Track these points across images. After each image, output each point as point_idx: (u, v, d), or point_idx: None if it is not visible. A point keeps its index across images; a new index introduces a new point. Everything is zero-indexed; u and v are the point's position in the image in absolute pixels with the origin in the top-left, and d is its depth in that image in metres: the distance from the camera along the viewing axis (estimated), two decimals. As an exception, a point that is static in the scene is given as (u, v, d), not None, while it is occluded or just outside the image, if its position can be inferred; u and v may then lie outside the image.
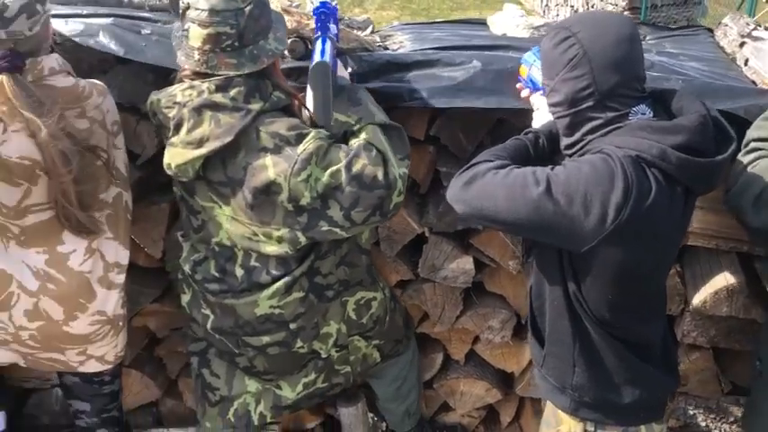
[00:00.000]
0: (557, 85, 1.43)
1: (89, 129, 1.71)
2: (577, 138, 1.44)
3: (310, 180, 1.60)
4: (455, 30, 2.60)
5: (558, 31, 1.43)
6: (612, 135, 1.39)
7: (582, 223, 1.32)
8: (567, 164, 1.40)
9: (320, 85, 1.59)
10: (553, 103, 1.47)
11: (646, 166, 1.33)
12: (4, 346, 1.85)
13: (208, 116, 1.62)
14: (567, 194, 1.32)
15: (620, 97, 1.39)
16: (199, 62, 1.62)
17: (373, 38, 2.49)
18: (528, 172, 1.38)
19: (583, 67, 1.38)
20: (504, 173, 1.40)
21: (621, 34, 1.38)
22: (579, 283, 1.47)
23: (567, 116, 1.44)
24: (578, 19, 1.45)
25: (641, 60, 1.42)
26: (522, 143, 1.57)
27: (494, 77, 1.93)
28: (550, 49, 1.44)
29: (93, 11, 2.08)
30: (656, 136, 1.34)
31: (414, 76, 1.97)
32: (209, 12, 1.58)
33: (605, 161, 1.33)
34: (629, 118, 1.39)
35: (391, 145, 1.68)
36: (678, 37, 2.58)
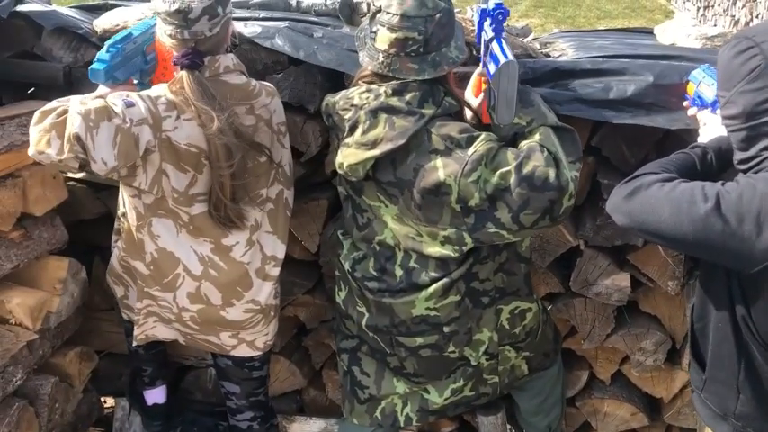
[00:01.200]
0: (734, 97, 1.35)
1: (255, 125, 1.81)
2: (754, 153, 1.35)
3: (480, 181, 1.61)
4: (619, 38, 2.53)
5: (740, 41, 1.34)
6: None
7: (753, 244, 1.24)
8: (741, 180, 1.31)
9: (508, 84, 1.58)
10: (728, 116, 1.38)
11: None
12: (168, 325, 2.00)
13: (383, 119, 1.67)
14: (737, 213, 1.25)
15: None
16: (382, 65, 1.68)
17: (533, 45, 2.47)
18: (697, 187, 1.32)
19: (764, 78, 1.28)
20: (671, 186, 1.35)
21: None
22: (748, 306, 1.38)
23: (743, 129, 1.35)
24: (761, 29, 1.35)
25: None
26: (690, 158, 1.49)
27: (666, 92, 1.85)
28: (730, 59, 1.35)
29: (269, 14, 2.21)
30: None
31: (580, 85, 1.93)
32: (400, 17, 1.63)
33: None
34: None
35: (563, 147, 1.66)
36: None
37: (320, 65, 2.01)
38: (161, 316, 1.97)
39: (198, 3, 1.67)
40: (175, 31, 1.68)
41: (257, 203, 1.91)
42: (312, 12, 2.45)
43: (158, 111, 1.67)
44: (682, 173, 1.44)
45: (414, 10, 1.63)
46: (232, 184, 1.78)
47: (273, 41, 2.04)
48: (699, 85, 1.71)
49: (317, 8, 2.46)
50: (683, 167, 1.48)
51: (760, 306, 1.36)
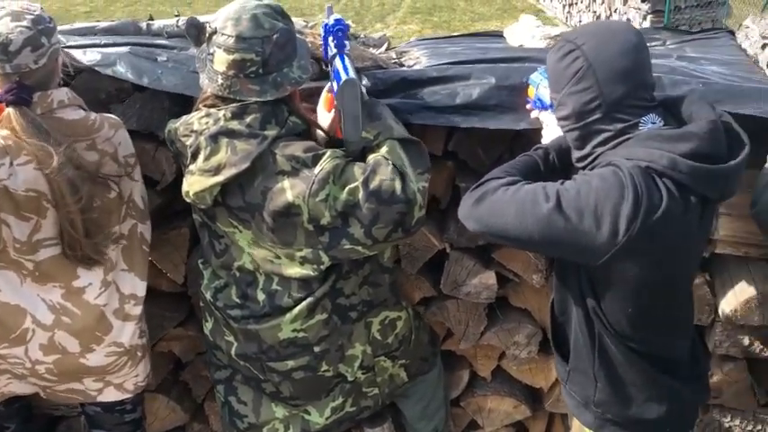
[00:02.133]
0: (563, 99, 1.42)
1: (98, 161, 1.72)
2: (588, 150, 1.43)
3: (329, 199, 1.60)
4: (471, 43, 2.60)
5: (563, 45, 1.42)
6: (622, 146, 1.37)
7: (594, 237, 1.30)
8: (577, 178, 1.38)
9: (350, 102, 1.59)
10: (561, 117, 1.45)
11: (656, 177, 1.30)
12: (22, 380, 1.87)
13: (224, 143, 1.63)
14: (577, 209, 1.31)
15: (629, 108, 1.37)
16: (222, 87, 1.63)
17: (389, 54, 2.49)
18: (538, 187, 1.37)
19: (588, 79, 1.36)
20: (515, 189, 1.39)
21: (626, 44, 1.36)
22: (598, 298, 1.45)
23: (575, 129, 1.43)
24: (582, 31, 1.43)
25: (648, 69, 1.40)
26: (533, 159, 1.55)
27: (509, 93, 1.91)
28: (555, 63, 1.43)
29: (111, 40, 2.11)
30: (666, 145, 1.31)
31: (428, 93, 1.96)
32: (236, 38, 1.59)
33: (615, 173, 1.31)
34: (639, 128, 1.37)
35: (410, 159, 1.67)
36: (699, 41, 2.53)
37: (166, 90, 1.94)
38: (13, 372, 1.84)
39: (18, 34, 1.57)
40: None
41: (110, 241, 1.81)
42: (164, 34, 2.37)
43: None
44: (526, 175, 1.49)
45: (249, 31, 1.60)
46: (83, 219, 1.69)
47: (115, 68, 1.95)
48: (537, 88, 1.77)
49: (169, 30, 2.38)
50: (526, 170, 1.53)
51: (608, 297, 1.43)
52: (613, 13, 9.94)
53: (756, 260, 1.97)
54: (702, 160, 1.30)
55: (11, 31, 1.56)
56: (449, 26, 12.33)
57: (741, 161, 1.34)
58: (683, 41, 2.55)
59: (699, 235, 1.44)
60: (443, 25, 12.43)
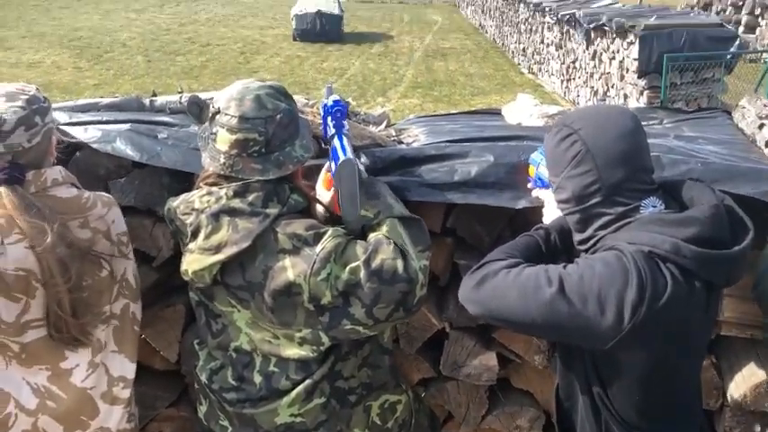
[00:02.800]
0: (563, 182, 1.42)
1: (91, 239, 1.70)
2: (589, 233, 1.41)
3: (330, 278, 1.57)
4: (469, 121, 2.62)
5: (560, 129, 1.43)
6: (624, 230, 1.35)
7: (599, 323, 1.27)
8: (580, 262, 1.35)
9: (348, 182, 1.59)
10: (561, 200, 1.45)
11: (660, 262, 1.28)
12: None
13: (225, 222, 1.62)
14: (580, 294, 1.28)
15: (628, 191, 1.36)
16: (224, 166, 1.63)
17: (388, 132, 2.51)
18: (540, 271, 1.35)
19: (587, 163, 1.36)
20: (516, 272, 1.37)
21: (623, 127, 1.37)
22: (604, 385, 1.41)
23: (576, 212, 1.42)
24: (579, 115, 1.44)
25: (647, 152, 1.40)
26: (534, 240, 1.54)
27: (507, 171, 1.92)
28: (554, 147, 1.44)
29: (112, 117, 2.14)
30: (669, 229, 1.30)
31: (427, 170, 1.97)
32: (239, 118, 1.60)
33: (618, 258, 1.29)
34: (640, 211, 1.36)
35: (411, 237, 1.66)
36: (696, 120, 2.55)
37: (166, 166, 1.95)
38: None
39: (11, 114, 1.58)
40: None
41: (101, 321, 1.78)
42: (167, 110, 2.40)
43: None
44: (527, 256, 1.48)
45: (252, 111, 1.62)
46: (72, 298, 1.65)
47: (114, 145, 1.97)
48: (538, 168, 1.78)
49: (172, 106, 2.41)
50: (528, 251, 1.51)
51: (614, 384, 1.39)
52: (611, 88, 10.16)
53: (762, 342, 1.92)
54: (706, 245, 1.28)
55: (4, 111, 1.58)
56: (449, 100, 12.59)
57: (745, 246, 1.32)
58: (679, 120, 2.57)
59: (705, 320, 1.41)
60: (444, 99, 12.70)
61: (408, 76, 14.85)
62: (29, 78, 12.21)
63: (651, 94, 8.75)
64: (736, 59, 8.71)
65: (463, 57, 17.56)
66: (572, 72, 12.23)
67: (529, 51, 15.73)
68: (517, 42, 17.04)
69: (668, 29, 8.71)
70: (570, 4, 13.35)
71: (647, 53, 8.62)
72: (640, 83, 8.92)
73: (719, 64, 8.48)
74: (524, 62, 16.10)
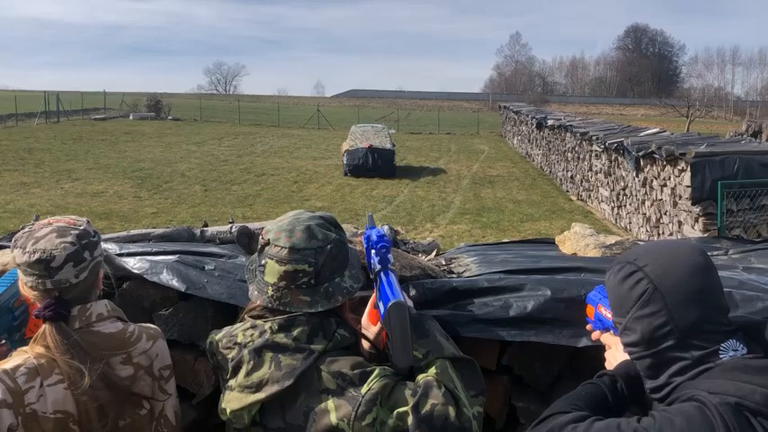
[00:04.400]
0: (631, 324, 1.30)
1: (133, 375, 1.64)
2: (664, 381, 1.28)
3: (376, 424, 1.46)
4: (522, 250, 2.54)
5: (623, 266, 1.34)
6: (704, 377, 1.22)
7: None
8: (657, 416, 1.21)
9: (398, 325, 1.50)
10: (629, 343, 1.33)
11: (750, 415, 1.14)
12: None
13: (268, 358, 1.54)
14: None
15: (705, 333, 1.24)
16: (272, 298, 1.58)
17: (438, 261, 2.45)
18: (612, 426, 1.21)
19: (656, 303, 1.26)
20: (585, 427, 1.24)
21: (693, 263, 1.27)
22: None
23: (646, 357, 1.29)
24: (644, 251, 1.35)
25: (721, 291, 1.29)
26: (600, 389, 1.40)
27: (567, 306, 1.81)
28: (617, 285, 1.34)
29: (161, 248, 2.14)
30: (758, 378, 1.16)
31: (480, 304, 1.87)
32: (289, 249, 1.56)
33: (701, 412, 1.15)
34: (720, 356, 1.22)
35: (463, 380, 1.54)
36: (765, 250, 2.42)
37: (210, 298, 1.91)
38: None
39: (61, 250, 1.57)
40: (36, 281, 1.56)
41: None
42: (216, 240, 2.41)
43: (18, 385, 1.48)
44: (593, 408, 1.35)
45: (303, 242, 1.58)
46: None
47: (161, 276, 1.95)
48: (597, 307, 1.67)
49: (222, 236, 2.42)
50: (593, 402, 1.38)
51: None
52: (663, 215, 10.01)
53: None
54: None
55: (55, 248, 1.57)
56: (498, 226, 12.61)
57: None
58: (747, 251, 2.44)
59: None
60: (492, 225, 12.73)
61: (456, 202, 15.04)
62: (92, 207, 12.83)
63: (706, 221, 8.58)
64: (793, 186, 8.54)
65: (511, 184, 17.80)
66: (622, 199, 12.18)
67: (577, 178, 15.83)
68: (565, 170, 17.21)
69: (720, 156, 8.68)
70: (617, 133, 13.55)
71: (701, 180, 8.55)
72: (695, 210, 8.78)
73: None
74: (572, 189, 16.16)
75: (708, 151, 8.88)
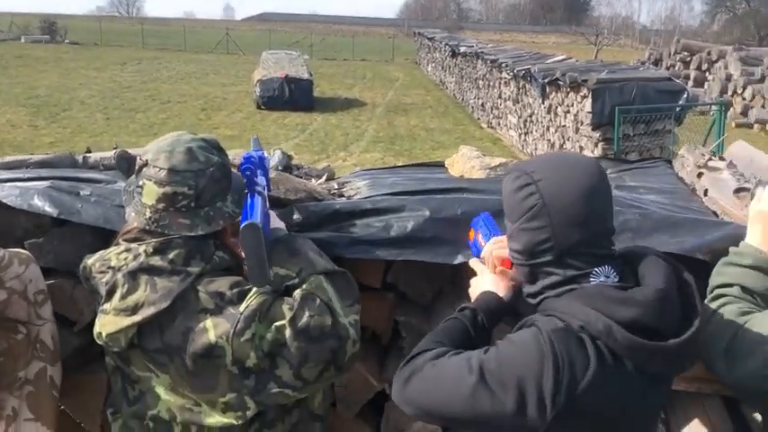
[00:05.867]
0: (515, 233, 1.33)
1: (6, 300, 1.60)
2: (538, 288, 1.33)
3: (255, 339, 1.48)
4: (412, 174, 2.58)
5: (520, 175, 1.33)
6: (566, 297, 1.27)
7: (522, 414, 1.19)
8: (500, 345, 1.27)
9: (252, 246, 1.49)
10: (514, 249, 1.37)
11: (588, 340, 1.20)
12: None
13: (143, 281, 1.53)
14: (500, 382, 1.21)
15: (583, 255, 1.27)
16: (149, 220, 1.55)
17: (330, 185, 2.46)
18: (462, 360, 1.27)
19: (542, 219, 1.27)
20: (441, 364, 1.29)
21: (586, 186, 1.26)
22: None
23: (526, 266, 1.34)
24: (541, 164, 1.33)
25: (609, 215, 1.31)
26: (462, 323, 1.44)
27: (444, 225, 1.86)
28: (511, 193, 1.34)
29: (34, 174, 2.05)
30: (606, 306, 1.21)
31: (362, 225, 1.90)
32: (168, 171, 1.53)
33: (536, 339, 1.22)
34: (591, 279, 1.26)
35: (337, 292, 1.58)
36: (638, 170, 2.56)
37: (85, 223, 1.85)
38: None
39: None
40: None
41: (14, 389, 1.65)
42: (100, 167, 2.32)
43: None
44: (455, 342, 1.39)
45: (183, 164, 1.54)
46: None
47: (31, 203, 1.87)
48: (477, 234, 1.72)
49: (106, 162, 2.34)
50: (455, 336, 1.42)
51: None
52: (567, 140, 10.35)
53: (709, 396, 1.86)
54: (642, 332, 1.19)
55: None
56: (410, 154, 12.71)
57: (688, 338, 1.22)
58: (622, 170, 2.57)
59: (645, 406, 1.29)
60: (405, 153, 12.81)
61: (370, 131, 15.01)
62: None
63: (605, 146, 8.94)
64: (684, 112, 8.97)
65: (424, 112, 17.87)
66: (529, 125, 12.48)
67: (488, 106, 16.06)
68: (476, 98, 17.41)
69: (619, 83, 8.98)
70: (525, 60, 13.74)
71: (600, 106, 8.85)
72: (595, 135, 9.12)
73: (669, 116, 8.73)
74: (483, 116, 16.41)
75: (608, 78, 9.16)
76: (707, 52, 19.34)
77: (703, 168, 2.23)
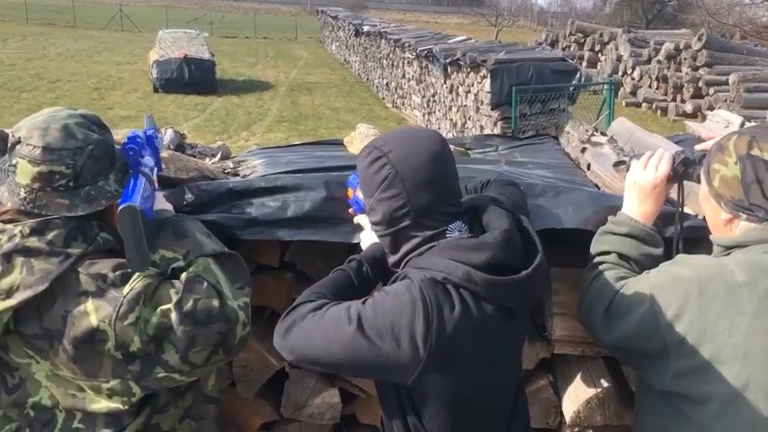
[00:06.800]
0: (375, 205, 1.40)
1: None
2: (400, 256, 1.41)
3: (139, 322, 1.44)
4: (311, 152, 2.58)
5: (371, 151, 1.41)
6: (427, 255, 1.35)
7: (398, 358, 1.26)
8: (376, 296, 1.34)
9: (129, 229, 1.44)
10: (374, 222, 1.44)
11: (453, 288, 1.29)
12: None
13: (19, 263, 1.45)
14: (377, 329, 1.27)
15: (437, 214, 1.36)
16: (25, 201, 1.47)
17: (224, 164, 2.41)
18: (342, 310, 1.33)
19: (396, 186, 1.35)
20: (321, 314, 1.34)
21: (431, 152, 1.36)
22: (418, 415, 1.39)
23: (387, 235, 1.41)
24: (389, 138, 1.43)
25: (455, 176, 1.41)
26: (345, 274, 1.50)
27: (341, 204, 1.86)
28: (365, 169, 1.41)
29: None
30: (463, 255, 1.30)
31: (258, 205, 1.88)
32: (42, 149, 1.46)
33: (408, 289, 1.29)
34: (446, 236, 1.36)
35: (226, 274, 1.56)
36: (528, 146, 2.66)
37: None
38: None
39: None
40: None
41: None
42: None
43: None
44: (337, 293, 1.44)
45: (58, 142, 1.47)
46: None
47: None
48: (356, 190, 1.75)
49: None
50: (337, 287, 1.48)
51: (427, 413, 1.37)
52: (468, 120, 10.58)
53: (593, 358, 1.98)
54: (497, 271, 1.30)
55: None
56: (315, 133, 12.62)
57: (533, 270, 1.34)
58: (513, 147, 2.67)
59: (508, 342, 1.41)
60: (310, 133, 12.70)
61: (273, 110, 14.78)
62: None
63: (504, 124, 9.20)
64: (578, 91, 9.36)
65: (329, 91, 17.76)
66: (432, 105, 12.66)
67: (392, 86, 16.15)
68: (381, 77, 17.46)
69: (517, 63, 9.24)
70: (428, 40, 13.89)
71: (499, 86, 9.09)
72: (494, 114, 9.36)
73: (564, 95, 9.08)
74: (388, 96, 16.50)
75: (506, 58, 9.41)
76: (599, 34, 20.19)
77: (587, 144, 2.34)
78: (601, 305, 1.57)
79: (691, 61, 15.35)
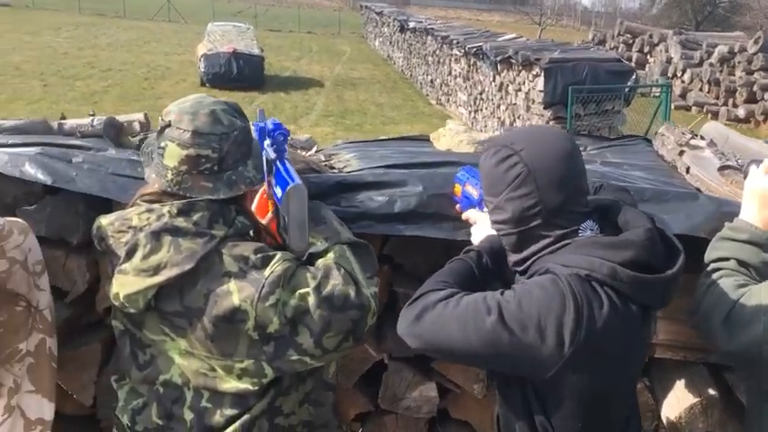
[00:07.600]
0: (502, 204, 1.39)
1: (8, 270, 1.54)
2: (526, 255, 1.40)
3: (279, 304, 1.47)
4: (400, 147, 2.59)
5: (499, 149, 1.39)
6: (560, 252, 1.34)
7: (540, 351, 1.25)
8: (517, 288, 1.33)
9: (297, 209, 1.50)
10: (498, 221, 1.42)
11: (597, 285, 1.28)
12: None
13: (167, 241, 1.49)
14: (520, 321, 1.26)
15: (567, 213, 1.35)
16: (171, 182, 1.52)
17: (318, 156, 2.44)
18: (479, 300, 1.32)
19: (528, 185, 1.34)
20: (455, 302, 1.34)
21: (563, 150, 1.35)
22: (547, 413, 1.38)
23: (514, 234, 1.40)
24: (519, 136, 1.41)
25: (584, 175, 1.40)
26: (467, 265, 1.50)
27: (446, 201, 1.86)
28: (493, 167, 1.40)
29: (21, 140, 1.96)
30: (606, 252, 1.29)
31: (365, 198, 1.90)
32: (192, 133, 1.50)
33: (554, 283, 1.28)
34: (579, 234, 1.35)
35: (360, 264, 1.59)
36: (617, 147, 2.63)
37: (82, 192, 1.79)
38: None
39: None
40: None
41: (15, 361, 1.60)
42: (77, 134, 2.24)
43: None
44: (462, 284, 1.44)
45: (207, 127, 1.51)
46: None
47: (23, 170, 1.79)
48: (464, 186, 1.76)
49: (83, 129, 2.25)
50: (461, 277, 1.48)
51: (557, 411, 1.36)
52: (517, 119, 10.51)
53: (694, 364, 1.96)
54: (642, 269, 1.29)
55: None
56: (361, 129, 12.65)
57: (678, 270, 1.33)
58: (603, 147, 2.64)
59: (641, 343, 1.41)
60: (356, 128, 12.74)
61: (319, 104, 14.85)
62: None
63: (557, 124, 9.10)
64: (633, 92, 9.22)
65: (373, 87, 17.77)
66: (479, 103, 12.59)
67: (437, 83, 16.10)
68: (425, 74, 17.41)
69: (572, 62, 9.13)
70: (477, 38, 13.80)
71: (553, 85, 8.99)
72: (546, 113, 9.27)
73: (619, 96, 8.96)
74: (432, 93, 16.45)
75: (560, 57, 9.31)
76: (648, 35, 19.84)
77: (685, 147, 2.31)
78: (721, 311, 1.55)
79: (745, 65, 15.00)
